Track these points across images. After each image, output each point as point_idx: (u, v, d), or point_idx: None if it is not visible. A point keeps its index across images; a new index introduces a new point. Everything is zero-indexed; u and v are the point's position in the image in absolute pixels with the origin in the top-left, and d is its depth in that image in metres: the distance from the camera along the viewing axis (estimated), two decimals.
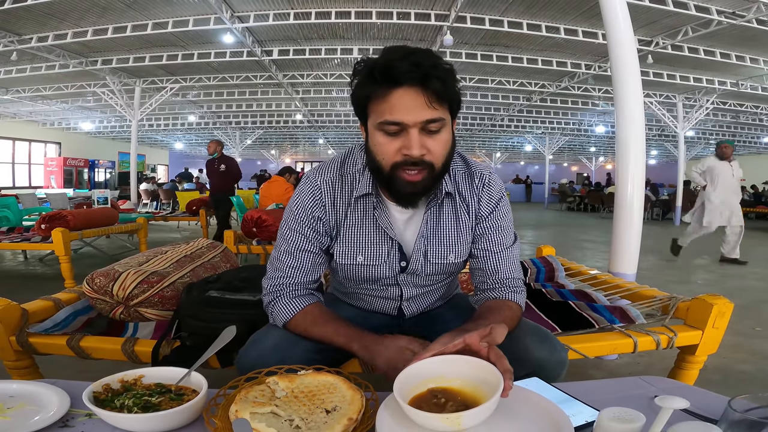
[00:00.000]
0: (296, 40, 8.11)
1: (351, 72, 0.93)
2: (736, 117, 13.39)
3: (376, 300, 1.18)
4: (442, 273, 1.12)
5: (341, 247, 1.07)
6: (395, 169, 0.92)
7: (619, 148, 2.71)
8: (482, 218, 1.08)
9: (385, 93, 0.87)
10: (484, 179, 1.08)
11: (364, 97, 0.91)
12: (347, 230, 1.06)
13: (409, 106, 0.86)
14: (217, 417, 0.71)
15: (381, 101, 0.88)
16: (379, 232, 1.06)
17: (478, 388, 0.71)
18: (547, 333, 1.04)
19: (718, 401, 0.79)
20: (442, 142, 0.92)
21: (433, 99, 0.87)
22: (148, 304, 1.55)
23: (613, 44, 2.71)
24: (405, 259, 1.07)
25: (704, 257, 6.18)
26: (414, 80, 0.85)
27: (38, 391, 0.81)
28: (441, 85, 0.86)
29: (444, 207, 1.06)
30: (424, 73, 0.85)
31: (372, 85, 0.88)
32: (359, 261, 1.07)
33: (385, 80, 0.86)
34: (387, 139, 0.90)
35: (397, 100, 0.86)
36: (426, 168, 0.92)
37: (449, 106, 0.91)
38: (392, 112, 0.87)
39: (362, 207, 1.05)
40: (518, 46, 8.10)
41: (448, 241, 1.07)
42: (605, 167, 26.39)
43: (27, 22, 6.96)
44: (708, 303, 1.46)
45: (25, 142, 16.20)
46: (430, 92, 0.86)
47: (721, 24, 6.29)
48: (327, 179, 1.06)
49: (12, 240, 3.83)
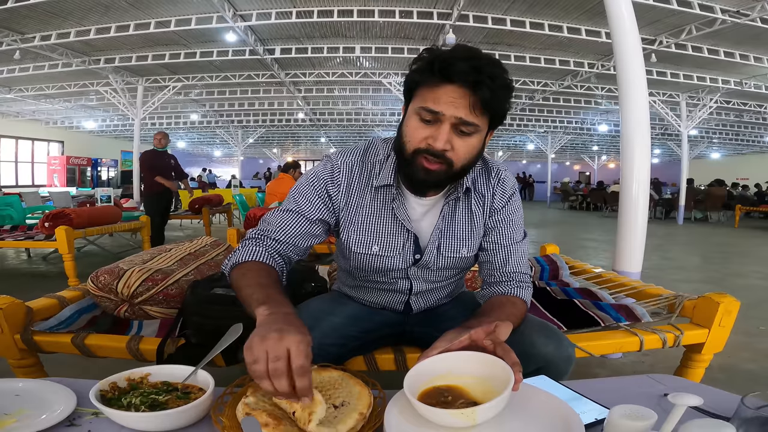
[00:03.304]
0: (298, 38, 8.11)
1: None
2: (740, 116, 13.34)
3: (383, 294, 1.18)
4: (453, 267, 1.13)
5: (356, 236, 1.07)
6: (416, 154, 0.94)
7: (624, 146, 2.70)
8: (495, 211, 1.10)
9: (436, 84, 0.89)
10: (500, 175, 1.11)
11: (416, 82, 0.93)
12: (364, 219, 1.07)
13: (452, 102, 0.88)
14: (225, 415, 0.71)
15: (429, 90, 0.90)
16: (395, 224, 1.07)
17: (487, 383, 0.71)
18: (554, 329, 1.04)
19: (728, 399, 0.78)
20: (468, 146, 0.93)
21: (477, 105, 0.88)
22: (152, 301, 1.55)
23: (618, 42, 2.70)
24: (419, 252, 1.08)
25: (705, 257, 6.15)
26: (466, 82, 0.87)
27: (44, 389, 0.80)
28: (490, 95, 0.87)
29: (461, 202, 1.08)
30: (478, 79, 0.86)
31: (427, 74, 0.90)
32: (374, 251, 1.07)
33: (440, 73, 0.88)
34: (419, 124, 0.93)
35: (443, 94, 0.89)
36: (445, 163, 0.93)
37: (490, 117, 0.93)
38: (434, 102, 0.89)
39: (381, 197, 1.07)
40: (521, 45, 8.08)
41: (463, 235, 1.09)
42: (608, 166, 26.33)
43: (30, 21, 6.97)
44: (714, 301, 1.45)
45: (28, 141, 16.26)
46: (476, 98, 0.87)
47: (725, 23, 6.27)
48: (348, 161, 1.07)
49: (15, 238, 3.83)
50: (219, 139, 20.41)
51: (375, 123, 16.31)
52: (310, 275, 1.69)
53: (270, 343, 0.68)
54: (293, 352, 0.68)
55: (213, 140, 22.27)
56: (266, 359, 0.67)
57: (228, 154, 25.57)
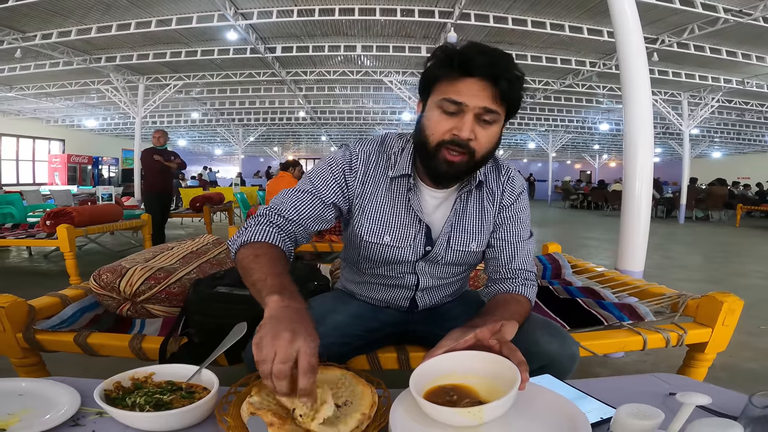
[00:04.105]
0: (300, 37, 8.10)
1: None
2: (742, 115, 13.32)
3: (389, 290, 1.18)
4: (461, 263, 1.14)
5: (369, 224, 1.08)
6: (440, 147, 0.96)
7: (627, 145, 2.69)
8: (504, 208, 1.12)
9: (456, 78, 0.92)
10: (510, 173, 1.14)
11: (435, 77, 0.95)
12: (378, 209, 1.08)
13: (475, 93, 0.92)
14: (229, 415, 0.70)
15: (450, 84, 0.93)
16: (408, 215, 1.07)
17: (493, 383, 0.71)
18: (558, 327, 1.04)
19: (734, 398, 0.78)
20: (490, 135, 0.96)
21: (497, 96, 0.92)
22: (155, 300, 1.55)
23: (621, 41, 2.68)
24: (430, 244, 1.09)
25: (706, 256, 6.15)
26: (486, 75, 0.91)
27: (48, 389, 0.80)
28: (508, 86, 0.91)
29: (472, 196, 1.10)
30: (497, 73, 0.90)
31: (447, 69, 0.93)
32: (386, 241, 1.08)
33: (460, 68, 0.91)
34: (442, 117, 0.95)
35: (464, 87, 0.92)
36: (468, 154, 0.96)
37: (508, 107, 0.96)
38: (457, 94, 0.92)
39: (397, 188, 1.08)
40: (522, 44, 8.05)
41: (473, 229, 1.10)
42: (609, 165, 26.29)
43: (31, 20, 6.97)
44: (718, 300, 1.44)
45: (29, 139, 16.25)
46: (496, 90, 0.91)
47: (728, 22, 6.26)
48: (366, 150, 1.09)
49: (17, 236, 3.84)
50: (220, 137, 20.40)
51: (376, 121, 16.30)
52: (313, 274, 1.69)
53: (280, 344, 0.68)
54: (301, 356, 0.68)
55: (214, 139, 22.25)
56: (273, 359, 0.67)
57: (229, 152, 25.56)
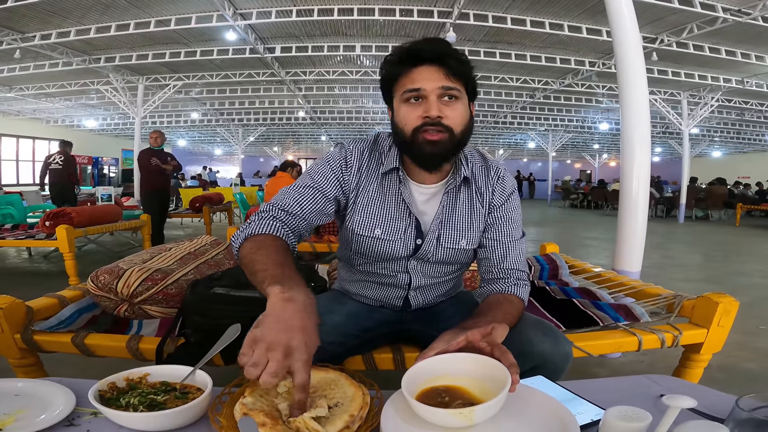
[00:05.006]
0: (299, 37, 8.10)
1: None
2: (741, 114, 13.32)
3: (383, 288, 1.19)
4: (452, 261, 1.15)
5: (360, 218, 1.11)
6: (416, 132, 1.01)
7: (624, 144, 2.70)
8: (495, 208, 1.14)
9: (410, 70, 1.01)
10: (499, 173, 1.16)
11: (392, 76, 1.04)
12: (369, 203, 1.11)
13: (429, 77, 0.99)
14: (222, 415, 0.71)
15: (405, 77, 1.01)
16: (400, 207, 1.11)
17: (484, 384, 0.71)
18: (551, 326, 1.04)
19: (724, 400, 0.78)
20: (457, 111, 1.01)
21: (450, 74, 0.99)
22: (152, 301, 1.56)
23: (618, 41, 2.69)
24: (420, 237, 1.11)
25: (706, 255, 6.15)
26: (434, 59, 0.99)
27: (43, 389, 0.81)
28: (457, 63, 1.00)
29: (461, 194, 1.13)
30: (443, 53, 0.99)
31: (400, 66, 1.02)
32: (376, 234, 1.10)
33: (410, 60, 1.00)
34: (409, 107, 1.01)
35: (418, 74, 1.00)
36: (446, 131, 1.00)
37: (465, 85, 1.02)
38: (414, 82, 1.00)
39: (387, 182, 1.12)
40: (521, 43, 8.06)
41: (462, 226, 1.12)
42: (609, 164, 26.28)
43: (30, 20, 6.96)
44: (713, 301, 1.45)
45: (29, 140, 16.24)
46: (447, 68, 0.99)
47: (727, 21, 6.25)
48: (360, 147, 1.14)
49: (16, 237, 3.84)
50: (220, 137, 20.39)
51: (375, 121, 16.31)
52: (310, 274, 1.69)
53: (274, 356, 0.67)
54: (296, 374, 0.68)
55: (214, 139, 22.25)
56: (264, 366, 0.67)
57: (228, 152, 25.54)
